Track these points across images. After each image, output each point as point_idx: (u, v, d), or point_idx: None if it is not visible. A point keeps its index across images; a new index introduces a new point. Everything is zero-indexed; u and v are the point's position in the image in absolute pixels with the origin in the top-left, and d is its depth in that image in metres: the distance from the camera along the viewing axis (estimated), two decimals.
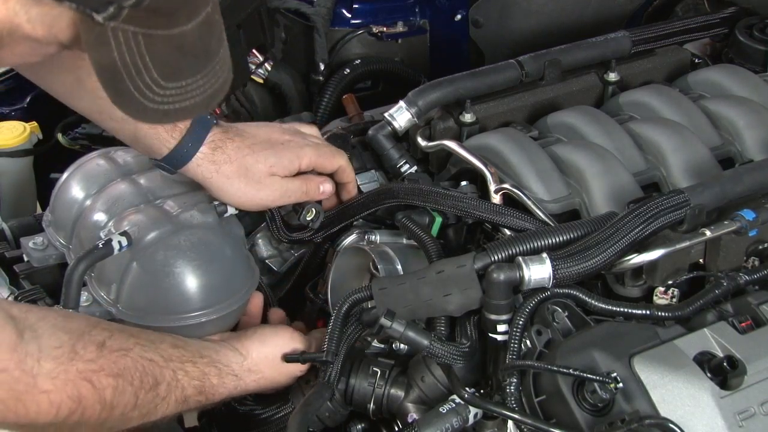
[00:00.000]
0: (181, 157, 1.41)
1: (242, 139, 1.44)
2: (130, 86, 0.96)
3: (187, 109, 1.00)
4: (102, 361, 1.17)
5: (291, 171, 1.48)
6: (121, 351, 1.20)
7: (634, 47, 1.77)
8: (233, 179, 1.43)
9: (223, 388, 1.35)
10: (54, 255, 1.57)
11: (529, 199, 1.41)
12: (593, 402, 1.13)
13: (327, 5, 2.19)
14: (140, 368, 1.22)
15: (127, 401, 1.20)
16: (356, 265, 1.51)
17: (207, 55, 0.99)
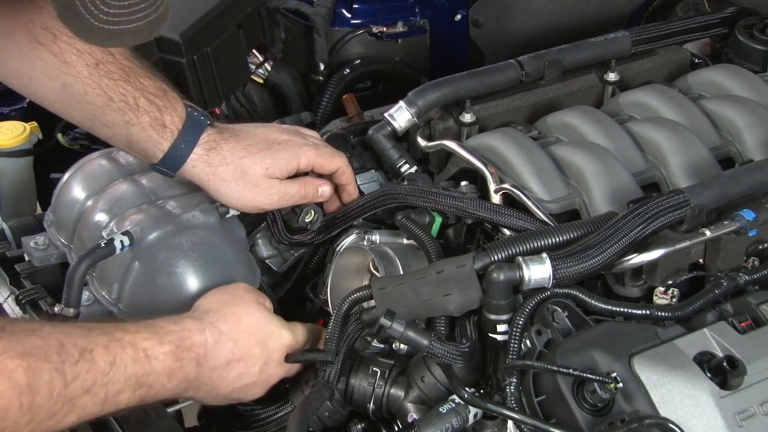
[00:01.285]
0: (176, 159, 1.40)
1: (237, 140, 1.43)
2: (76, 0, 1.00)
3: (130, 32, 1.04)
4: (3, 344, 1.06)
5: (289, 172, 1.47)
6: (25, 332, 1.09)
7: (634, 47, 1.77)
8: (230, 182, 1.42)
9: (188, 332, 1.25)
10: (55, 254, 1.57)
11: (529, 199, 1.41)
12: (593, 402, 1.13)
13: (327, 5, 2.19)
14: (54, 343, 1.10)
15: (50, 379, 1.08)
16: (356, 265, 1.51)
17: None
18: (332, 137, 1.64)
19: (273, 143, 1.46)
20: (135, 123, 1.38)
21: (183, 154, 1.40)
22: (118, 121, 1.38)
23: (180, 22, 1.78)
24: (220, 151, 1.41)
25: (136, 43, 1.31)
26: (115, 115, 1.38)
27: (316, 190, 1.50)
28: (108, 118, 1.37)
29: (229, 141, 1.42)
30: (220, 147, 1.41)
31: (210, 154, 1.41)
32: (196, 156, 1.40)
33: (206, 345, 1.27)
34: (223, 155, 1.41)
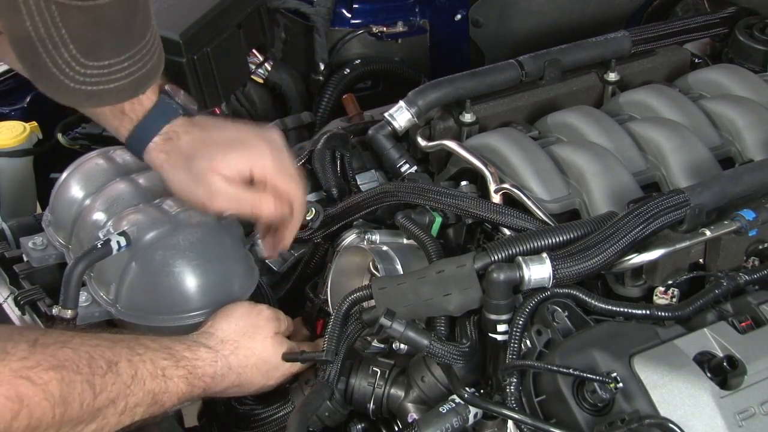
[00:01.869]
0: (136, 144, 1.39)
1: (201, 133, 1.39)
2: (48, 61, 0.93)
3: (112, 92, 0.97)
4: (37, 357, 1.10)
5: (239, 173, 1.38)
6: (57, 343, 1.14)
7: (634, 47, 1.77)
8: (179, 170, 1.38)
9: (201, 362, 1.29)
10: (53, 255, 1.57)
11: (529, 199, 1.41)
12: (593, 402, 1.13)
13: (327, 5, 2.19)
14: (85, 355, 1.15)
15: (82, 390, 1.13)
16: (356, 265, 1.51)
17: (130, 34, 0.96)
18: (332, 137, 1.64)
19: (235, 141, 1.40)
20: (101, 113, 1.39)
21: (142, 140, 1.38)
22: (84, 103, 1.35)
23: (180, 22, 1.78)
24: (177, 141, 1.38)
25: (120, 102, 1.32)
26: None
27: (271, 210, 1.41)
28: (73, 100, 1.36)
29: (192, 133, 1.39)
30: (178, 138, 1.38)
31: (166, 144, 1.38)
32: (153, 144, 1.38)
33: (214, 377, 1.32)
34: (178, 145, 1.38)
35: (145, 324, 1.41)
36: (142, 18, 0.97)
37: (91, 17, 0.91)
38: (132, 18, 0.95)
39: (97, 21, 0.91)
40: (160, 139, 1.38)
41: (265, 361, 1.38)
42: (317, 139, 1.65)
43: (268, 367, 1.38)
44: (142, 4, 0.96)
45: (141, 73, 0.99)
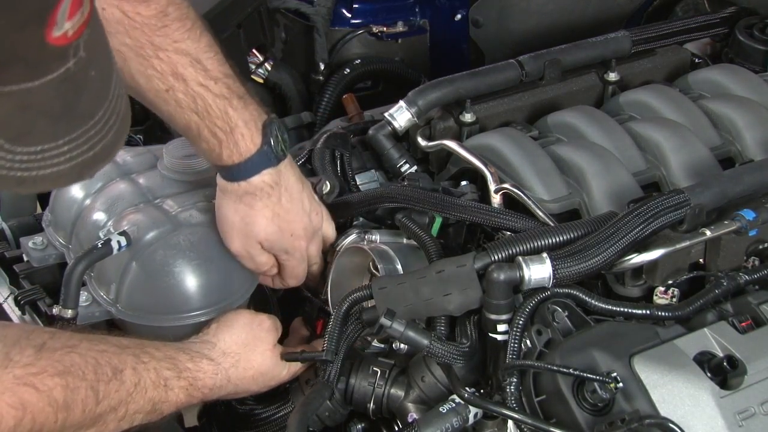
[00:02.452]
0: (224, 174, 1.39)
1: (277, 201, 1.40)
2: None
3: (48, 178, 0.85)
4: (43, 363, 1.10)
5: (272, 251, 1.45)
6: (65, 348, 1.14)
7: (634, 47, 1.77)
8: (234, 222, 1.40)
9: (203, 374, 1.31)
10: (54, 255, 1.57)
11: (529, 199, 1.41)
12: (593, 402, 1.13)
13: (327, 5, 2.20)
14: (91, 361, 1.16)
15: (86, 396, 1.14)
16: (356, 265, 1.51)
17: (70, 117, 0.84)
18: (332, 137, 1.64)
19: (288, 231, 1.43)
20: (193, 143, 1.37)
21: (227, 178, 1.38)
22: (179, 132, 1.38)
23: None
24: (255, 200, 1.39)
25: (59, 187, 1.29)
26: (176, 129, 1.36)
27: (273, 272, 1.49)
28: (172, 126, 1.36)
29: (271, 198, 1.39)
30: (260, 197, 1.38)
31: (246, 196, 1.38)
32: (236, 185, 1.38)
33: (213, 388, 1.33)
34: (253, 203, 1.39)
35: (146, 324, 1.41)
36: (92, 95, 0.85)
37: (16, 103, 0.79)
38: (74, 98, 0.83)
39: (23, 106, 0.80)
40: (241, 189, 1.38)
41: (262, 374, 1.40)
42: (317, 138, 1.65)
43: (265, 378, 1.40)
44: (92, 80, 0.84)
45: (86, 157, 0.86)
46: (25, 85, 0.78)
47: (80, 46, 0.80)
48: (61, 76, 0.79)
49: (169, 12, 1.28)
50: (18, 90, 0.78)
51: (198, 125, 1.33)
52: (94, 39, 0.82)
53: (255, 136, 1.35)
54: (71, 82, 0.81)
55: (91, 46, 0.82)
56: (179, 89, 1.31)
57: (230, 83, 1.35)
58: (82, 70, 0.81)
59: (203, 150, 1.37)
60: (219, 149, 1.35)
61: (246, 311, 1.43)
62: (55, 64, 0.79)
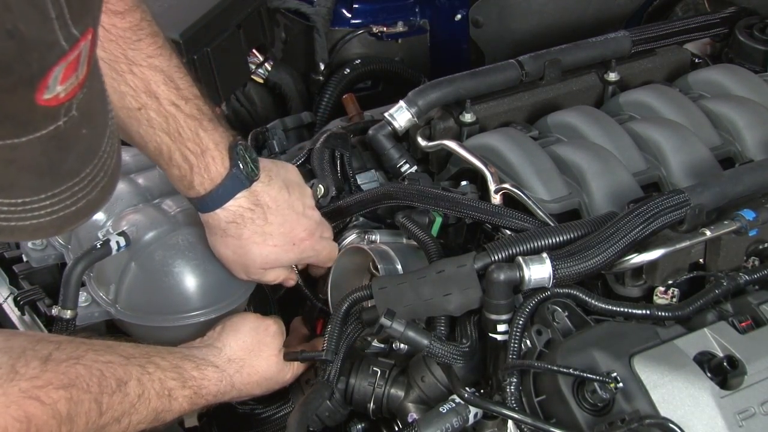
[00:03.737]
0: (199, 207, 1.38)
1: (263, 222, 1.39)
2: None
3: (26, 230, 0.84)
4: (48, 375, 1.11)
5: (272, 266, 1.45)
6: (70, 360, 1.15)
7: (634, 47, 1.77)
8: (229, 252, 1.40)
9: (207, 382, 1.32)
10: (53, 255, 1.57)
11: (529, 199, 1.41)
12: (593, 402, 1.13)
13: (327, 5, 2.19)
14: (96, 373, 1.17)
15: (89, 408, 1.15)
16: (356, 265, 1.50)
17: (56, 173, 0.83)
18: (332, 137, 1.64)
19: (288, 242, 1.42)
20: (165, 169, 1.35)
21: (204, 209, 1.37)
22: (151, 159, 1.35)
23: (180, 22, 1.78)
24: (241, 225, 1.37)
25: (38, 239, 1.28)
26: (148, 154, 1.34)
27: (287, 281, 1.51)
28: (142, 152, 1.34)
29: (255, 222, 1.38)
30: (243, 222, 1.37)
31: (229, 225, 1.37)
32: (214, 216, 1.36)
33: (217, 395, 1.34)
34: (239, 233, 1.37)
35: (145, 324, 1.41)
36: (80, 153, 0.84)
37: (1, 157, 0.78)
38: (61, 155, 0.82)
39: (8, 161, 0.78)
40: (225, 216, 1.36)
41: (267, 379, 1.40)
42: (317, 138, 1.65)
43: (269, 383, 1.41)
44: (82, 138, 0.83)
45: (68, 212, 0.84)
46: (11, 141, 0.77)
47: (72, 106, 0.79)
48: (50, 134, 0.78)
49: (143, 26, 1.27)
50: (3, 145, 0.77)
51: (169, 148, 1.31)
52: (89, 98, 0.81)
53: (225, 159, 1.34)
54: (60, 139, 0.80)
55: (85, 105, 0.80)
56: (151, 107, 1.29)
57: (200, 104, 1.34)
58: (73, 128, 0.80)
59: (175, 177, 1.34)
60: (190, 175, 1.33)
61: (252, 315, 1.44)
62: (44, 123, 0.78)
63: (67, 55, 0.74)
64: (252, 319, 1.42)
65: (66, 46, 0.74)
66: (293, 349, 1.42)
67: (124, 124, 1.30)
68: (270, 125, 1.89)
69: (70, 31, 0.74)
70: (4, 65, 0.71)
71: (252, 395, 1.41)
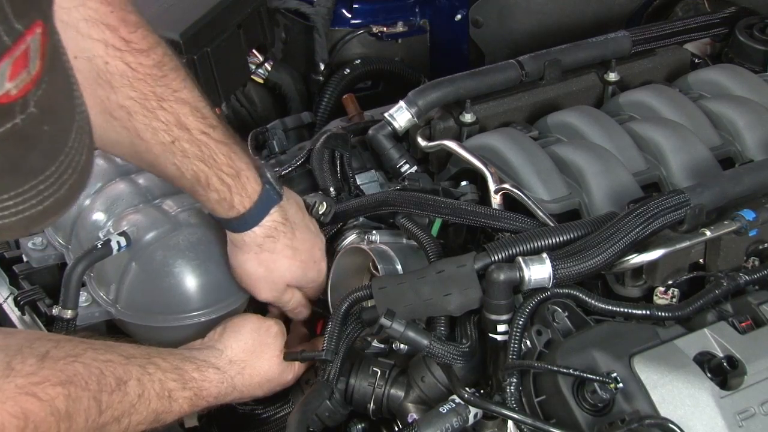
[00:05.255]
0: (234, 228, 1.39)
1: (292, 236, 1.42)
2: None
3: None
4: (45, 372, 1.10)
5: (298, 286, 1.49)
6: (68, 358, 1.15)
7: (634, 47, 1.77)
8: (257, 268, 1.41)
9: (208, 383, 1.32)
10: (53, 255, 1.57)
11: (529, 199, 1.41)
12: (593, 402, 1.13)
13: (327, 5, 2.19)
14: (95, 371, 1.16)
15: (89, 406, 1.14)
16: (356, 265, 1.50)
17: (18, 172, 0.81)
18: (332, 137, 1.64)
19: (310, 259, 1.46)
20: (203, 195, 1.36)
21: (242, 228, 1.39)
22: (188, 188, 1.37)
23: (180, 22, 1.78)
24: (274, 242, 1.40)
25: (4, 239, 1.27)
26: (185, 184, 1.36)
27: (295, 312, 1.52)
28: (178, 184, 1.36)
29: (287, 235, 1.41)
30: (277, 239, 1.40)
31: (265, 241, 1.39)
32: (252, 234, 1.38)
33: (218, 396, 1.34)
34: (274, 247, 1.40)
35: (145, 324, 1.41)
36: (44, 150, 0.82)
37: None
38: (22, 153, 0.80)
39: None
40: (261, 233, 1.38)
41: (268, 380, 1.40)
42: (317, 138, 1.65)
43: (271, 384, 1.41)
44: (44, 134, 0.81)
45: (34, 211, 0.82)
46: None
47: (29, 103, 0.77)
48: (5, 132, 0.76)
49: (165, 62, 1.29)
50: None
51: (206, 174, 1.33)
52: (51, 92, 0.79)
53: (257, 177, 1.37)
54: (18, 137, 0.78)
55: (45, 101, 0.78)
56: (184, 138, 1.31)
57: (225, 129, 1.36)
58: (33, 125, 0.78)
59: (214, 202, 1.36)
60: (230, 196, 1.35)
61: (254, 316, 1.44)
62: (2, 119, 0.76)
63: (11, 50, 0.73)
64: (253, 320, 1.42)
65: (8, 41, 0.72)
66: (293, 349, 1.42)
67: (159, 158, 1.32)
68: (270, 125, 1.89)
69: (12, 25, 0.72)
70: None
71: (253, 397, 1.41)
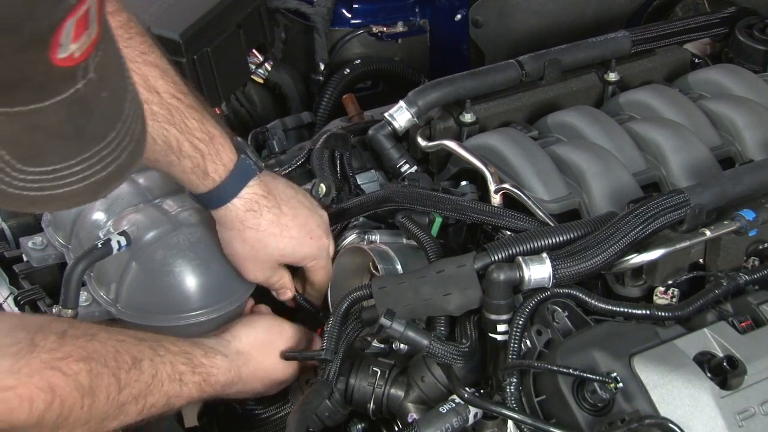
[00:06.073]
0: (213, 202, 1.37)
1: (279, 213, 1.39)
2: None
3: (62, 197, 0.85)
4: (67, 348, 1.12)
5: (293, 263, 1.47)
6: (86, 336, 1.16)
7: (634, 47, 1.77)
8: (246, 246, 1.39)
9: (216, 370, 1.32)
10: (53, 255, 1.57)
11: (529, 199, 1.41)
12: (593, 402, 1.13)
13: (327, 5, 2.19)
14: (111, 349, 1.17)
15: (109, 383, 1.15)
16: (356, 265, 1.51)
17: (81, 138, 0.84)
18: (332, 137, 1.64)
19: (305, 235, 1.43)
20: (176, 164, 1.33)
21: (220, 200, 1.36)
22: (160, 159, 1.34)
23: (180, 22, 1.78)
24: (257, 217, 1.37)
25: (72, 207, 1.28)
26: (157, 154, 1.33)
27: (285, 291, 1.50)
28: (150, 156, 1.32)
29: (272, 210, 1.38)
30: (260, 213, 1.37)
31: (247, 215, 1.36)
32: (232, 207, 1.36)
33: (225, 385, 1.34)
34: (258, 223, 1.37)
35: (146, 324, 1.41)
36: (104, 116, 0.85)
37: (26, 123, 0.79)
38: (85, 119, 0.83)
39: (33, 127, 0.80)
40: (241, 205, 1.36)
41: (271, 379, 1.41)
42: (317, 138, 1.65)
43: (272, 382, 1.42)
44: (103, 101, 0.84)
45: (100, 177, 0.86)
46: (34, 105, 0.78)
47: (89, 68, 0.80)
48: (70, 97, 0.79)
49: (132, 26, 1.28)
50: (27, 111, 0.78)
51: (178, 139, 1.30)
52: (106, 60, 0.82)
53: (231, 147, 1.35)
54: (81, 103, 0.81)
55: (102, 67, 0.81)
56: (153, 101, 1.28)
57: (198, 97, 1.34)
58: (93, 91, 0.81)
59: (188, 170, 1.33)
60: (203, 163, 1.32)
61: (270, 315, 1.45)
62: (64, 86, 0.79)
63: (75, 9, 0.75)
64: (269, 318, 1.43)
65: (73, 0, 0.74)
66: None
67: None
68: (270, 125, 1.89)
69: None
70: (14, 23, 0.72)
71: (254, 392, 1.41)
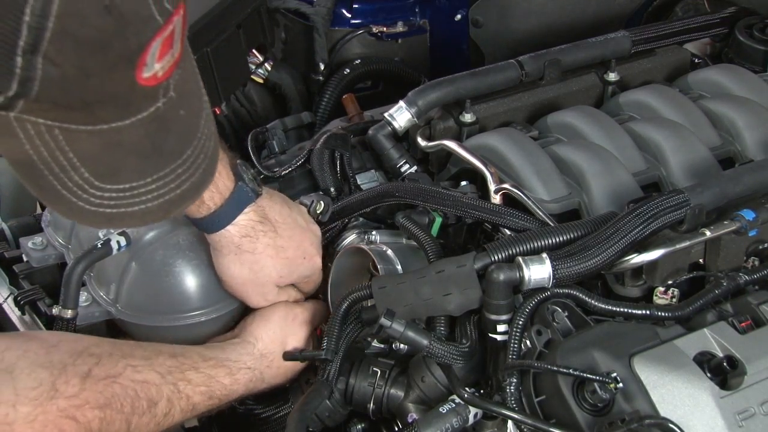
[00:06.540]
0: (208, 228, 1.36)
1: (274, 237, 1.38)
2: (56, 184, 0.82)
3: (135, 215, 0.86)
4: (86, 394, 1.12)
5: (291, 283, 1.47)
6: (108, 378, 1.16)
7: (634, 47, 1.77)
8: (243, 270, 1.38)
9: (236, 385, 1.33)
10: (53, 255, 1.57)
11: (529, 199, 1.41)
12: (593, 402, 1.13)
13: (327, 5, 2.19)
14: (131, 393, 1.18)
15: (118, 429, 1.16)
16: (356, 265, 1.50)
17: (158, 156, 0.85)
18: (332, 137, 1.64)
19: (299, 256, 1.42)
20: None
21: (215, 227, 1.35)
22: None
23: None
24: (253, 242, 1.36)
25: (147, 224, 1.27)
26: None
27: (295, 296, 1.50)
28: None
29: (267, 234, 1.37)
30: (256, 238, 1.36)
31: (242, 241, 1.35)
32: (227, 233, 1.35)
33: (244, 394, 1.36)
34: (254, 247, 1.36)
35: (145, 324, 1.41)
36: (180, 134, 0.85)
37: (105, 141, 0.80)
38: (163, 137, 0.84)
39: (112, 144, 0.80)
40: (236, 232, 1.34)
41: (294, 371, 1.43)
42: (317, 138, 1.65)
43: (292, 373, 1.43)
44: (181, 119, 0.84)
45: (174, 195, 0.86)
46: (116, 124, 0.79)
47: (170, 87, 0.80)
48: (150, 115, 0.80)
49: None
50: (108, 129, 0.79)
51: None
52: (185, 79, 0.82)
53: (230, 173, 1.33)
54: (160, 121, 0.82)
55: (182, 85, 0.82)
56: None
57: None
58: (172, 109, 0.82)
59: None
60: None
61: (282, 304, 1.44)
62: (145, 104, 0.80)
63: (162, 29, 0.75)
64: (282, 308, 1.43)
65: (161, 20, 0.75)
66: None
67: None
68: (270, 125, 1.89)
69: (163, 5, 0.75)
70: (104, 42, 0.72)
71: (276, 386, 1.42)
